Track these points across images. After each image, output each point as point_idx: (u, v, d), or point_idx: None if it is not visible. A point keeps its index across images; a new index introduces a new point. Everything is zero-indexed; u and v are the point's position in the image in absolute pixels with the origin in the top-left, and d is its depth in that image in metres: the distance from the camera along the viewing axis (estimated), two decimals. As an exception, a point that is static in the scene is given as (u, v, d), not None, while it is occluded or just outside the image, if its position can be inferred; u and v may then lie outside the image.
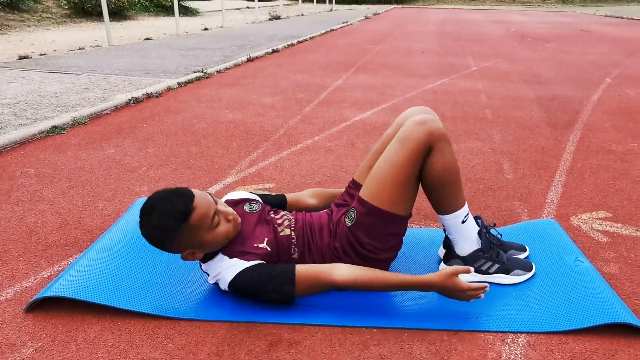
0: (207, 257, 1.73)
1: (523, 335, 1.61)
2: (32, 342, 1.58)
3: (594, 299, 1.70)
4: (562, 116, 4.32)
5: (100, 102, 4.50)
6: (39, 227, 2.31)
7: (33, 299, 1.72)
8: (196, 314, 1.69)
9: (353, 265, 1.70)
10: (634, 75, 6.27)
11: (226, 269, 1.68)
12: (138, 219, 1.66)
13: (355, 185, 1.99)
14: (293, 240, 1.80)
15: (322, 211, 1.97)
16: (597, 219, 2.43)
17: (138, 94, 4.79)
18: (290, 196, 2.12)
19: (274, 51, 8.17)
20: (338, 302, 1.75)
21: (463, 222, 1.80)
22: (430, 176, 1.73)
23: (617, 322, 1.60)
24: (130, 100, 4.57)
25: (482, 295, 1.64)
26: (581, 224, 2.37)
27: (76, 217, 2.41)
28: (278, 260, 1.76)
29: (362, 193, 1.77)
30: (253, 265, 1.67)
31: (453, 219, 1.80)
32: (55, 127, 3.76)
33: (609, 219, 2.43)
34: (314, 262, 1.79)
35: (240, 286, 1.67)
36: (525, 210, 2.50)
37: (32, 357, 1.52)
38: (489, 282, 1.84)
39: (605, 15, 18.45)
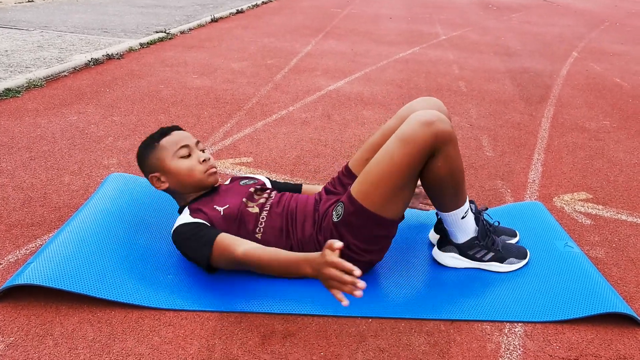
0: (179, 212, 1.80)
1: (519, 325, 1.59)
2: (2, 337, 1.45)
3: (588, 287, 1.70)
4: (534, 90, 4.33)
5: (57, 62, 4.20)
6: (-1, 204, 2.14)
7: (1, 287, 1.58)
8: (182, 304, 1.60)
9: (257, 244, 1.59)
10: (598, 49, 6.35)
11: (178, 221, 1.72)
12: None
13: (348, 174, 1.87)
14: (261, 219, 1.72)
15: (311, 196, 1.86)
16: (578, 200, 2.44)
17: (98, 55, 4.50)
18: (306, 187, 2.07)
19: (238, 12, 7.86)
20: (329, 292, 1.68)
21: (463, 217, 1.74)
22: (431, 179, 1.63)
23: (612, 312, 1.60)
24: (89, 61, 4.29)
25: (343, 298, 1.31)
26: (564, 206, 2.37)
27: (41, 193, 2.24)
28: (230, 231, 1.67)
29: (354, 190, 1.63)
30: (193, 222, 1.68)
31: (452, 216, 1.73)
32: (9, 89, 3.49)
33: (590, 200, 2.44)
34: (288, 249, 1.67)
35: (176, 239, 1.68)
36: (509, 191, 2.49)
37: (3, 355, 1.39)
38: (482, 269, 1.81)
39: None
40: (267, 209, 1.75)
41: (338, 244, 1.31)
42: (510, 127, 3.39)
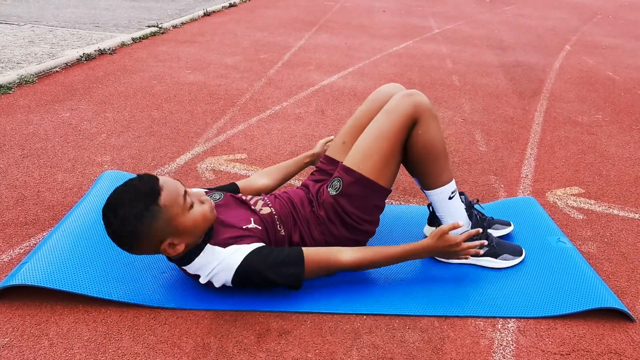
0: (191, 255, 1.55)
1: (512, 320, 1.61)
2: (-2, 337, 1.45)
3: (579, 282, 1.72)
4: (527, 84, 4.34)
5: (49, 58, 4.17)
6: (-8, 203, 2.13)
7: (-4, 287, 1.58)
8: (178, 303, 1.60)
9: (354, 247, 1.68)
10: (591, 42, 6.36)
11: (225, 258, 1.53)
12: (106, 199, 1.50)
13: (328, 161, 1.93)
14: (275, 217, 1.72)
15: (297, 187, 1.92)
16: (571, 195, 2.45)
17: (89, 50, 4.47)
18: (241, 183, 2.00)
19: (231, 5, 7.82)
20: (324, 289, 1.70)
21: (450, 198, 1.78)
22: (413, 148, 1.73)
23: (603, 307, 1.61)
24: (81, 57, 4.26)
25: (480, 251, 1.73)
26: (557, 201, 2.39)
27: (34, 191, 2.23)
28: (268, 239, 1.65)
29: (349, 163, 1.74)
30: (257, 248, 1.55)
31: (439, 195, 1.79)
32: (0, 86, 3.46)
33: (583, 195, 2.46)
34: (301, 234, 1.72)
35: (248, 273, 1.53)
36: (502, 186, 2.50)
37: (-1, 355, 1.40)
38: (476, 265, 1.83)
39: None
40: (270, 204, 1.76)
41: (449, 225, 1.63)
42: (503, 122, 3.40)
